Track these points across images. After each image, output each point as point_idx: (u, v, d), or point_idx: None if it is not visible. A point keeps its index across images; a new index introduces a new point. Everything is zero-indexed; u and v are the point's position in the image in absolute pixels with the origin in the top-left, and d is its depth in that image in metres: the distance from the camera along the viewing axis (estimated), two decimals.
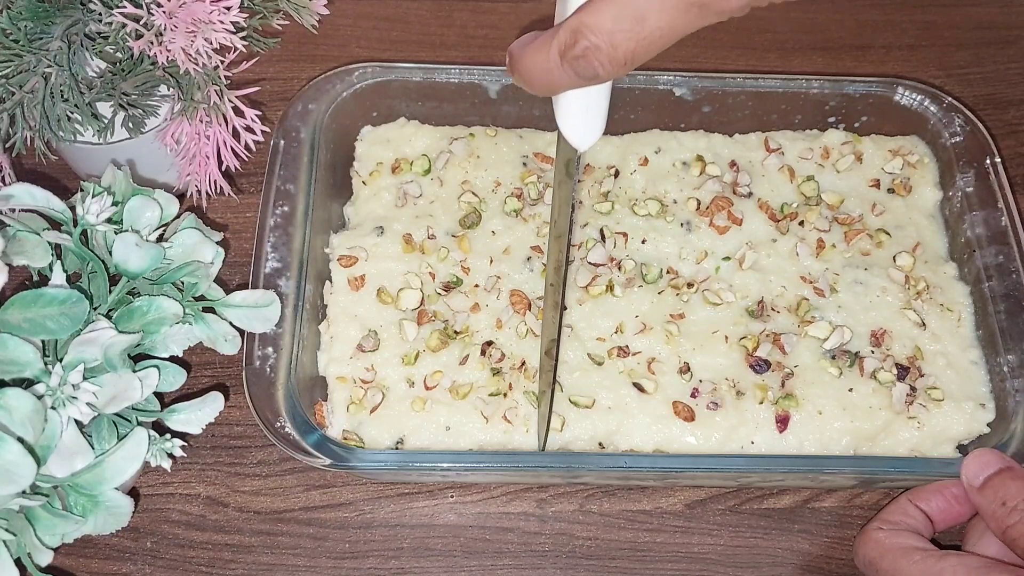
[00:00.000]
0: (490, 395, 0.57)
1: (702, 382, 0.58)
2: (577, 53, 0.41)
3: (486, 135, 0.68)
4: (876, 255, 0.64)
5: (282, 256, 0.58)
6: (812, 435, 0.57)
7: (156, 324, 0.52)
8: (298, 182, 0.61)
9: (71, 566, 0.56)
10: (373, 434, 0.56)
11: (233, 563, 0.56)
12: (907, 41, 0.82)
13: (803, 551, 0.58)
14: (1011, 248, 0.61)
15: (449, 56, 0.79)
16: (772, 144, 0.68)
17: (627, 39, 0.40)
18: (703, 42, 0.81)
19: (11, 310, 0.48)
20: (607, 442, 0.57)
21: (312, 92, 0.65)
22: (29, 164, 0.66)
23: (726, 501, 0.60)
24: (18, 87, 0.55)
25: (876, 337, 0.60)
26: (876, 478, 0.56)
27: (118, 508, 0.49)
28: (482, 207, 0.65)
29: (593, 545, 0.58)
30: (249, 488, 0.59)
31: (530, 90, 0.44)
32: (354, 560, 0.57)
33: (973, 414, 0.58)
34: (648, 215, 0.65)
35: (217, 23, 0.53)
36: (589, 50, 0.41)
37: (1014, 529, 0.49)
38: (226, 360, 0.62)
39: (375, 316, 0.60)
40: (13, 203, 0.51)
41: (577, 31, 0.41)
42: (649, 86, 0.67)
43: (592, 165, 0.67)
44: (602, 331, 0.60)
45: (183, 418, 0.52)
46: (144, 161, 0.64)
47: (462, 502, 0.59)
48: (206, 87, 0.57)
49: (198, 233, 0.55)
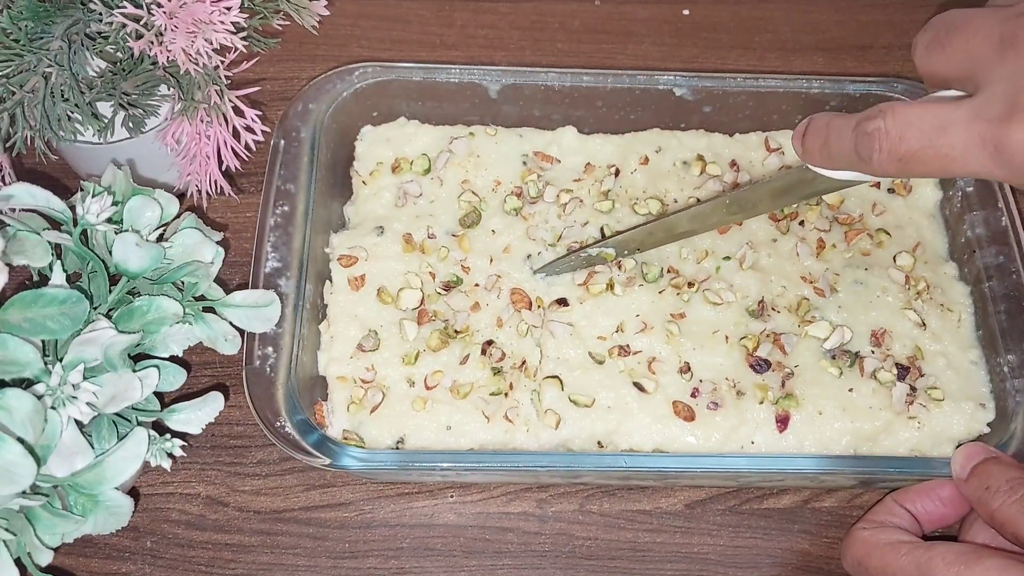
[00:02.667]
0: (491, 394, 0.57)
1: (702, 382, 0.58)
2: (868, 129, 0.43)
3: (486, 134, 0.68)
4: (876, 255, 0.64)
5: (282, 256, 0.58)
6: (812, 435, 0.57)
7: (156, 324, 0.52)
8: (298, 182, 0.61)
9: (71, 566, 0.56)
10: (373, 434, 0.56)
11: (233, 563, 0.56)
12: (908, 41, 0.80)
13: (803, 551, 0.58)
14: (1011, 248, 0.61)
15: (449, 56, 0.79)
16: (772, 144, 0.68)
17: (917, 138, 0.41)
18: (703, 42, 0.81)
19: (11, 310, 0.48)
20: (606, 441, 0.57)
21: (312, 92, 0.65)
22: (29, 164, 0.66)
23: (726, 501, 0.60)
24: (18, 87, 0.55)
25: (876, 337, 0.60)
26: (876, 478, 0.56)
27: (118, 508, 0.49)
28: (482, 206, 0.65)
29: (593, 545, 0.58)
30: (249, 488, 0.59)
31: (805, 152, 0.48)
32: (354, 560, 0.57)
33: (973, 414, 0.58)
34: (649, 214, 0.65)
35: (217, 23, 0.53)
36: (879, 131, 0.42)
37: (999, 512, 0.49)
38: (226, 360, 0.62)
39: (375, 316, 0.60)
40: (13, 203, 0.51)
41: (882, 110, 0.43)
42: (650, 86, 0.67)
43: (592, 164, 0.67)
44: (603, 330, 0.60)
45: (183, 418, 0.52)
46: (144, 161, 0.64)
47: (462, 502, 0.59)
48: (206, 87, 0.57)
49: (198, 233, 0.55)
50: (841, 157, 0.46)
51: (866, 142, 0.43)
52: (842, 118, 0.46)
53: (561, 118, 0.68)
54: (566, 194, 0.65)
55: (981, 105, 0.40)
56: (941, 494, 0.54)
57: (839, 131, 0.45)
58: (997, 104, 0.40)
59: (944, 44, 0.43)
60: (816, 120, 0.48)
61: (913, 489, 0.55)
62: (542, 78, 0.67)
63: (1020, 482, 0.49)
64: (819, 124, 0.47)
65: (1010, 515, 0.48)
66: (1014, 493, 0.49)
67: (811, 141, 0.48)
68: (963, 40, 0.42)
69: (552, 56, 0.79)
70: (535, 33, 0.81)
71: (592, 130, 0.68)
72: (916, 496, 0.54)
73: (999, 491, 0.49)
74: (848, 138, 0.44)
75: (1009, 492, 0.49)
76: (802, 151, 0.49)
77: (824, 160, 0.47)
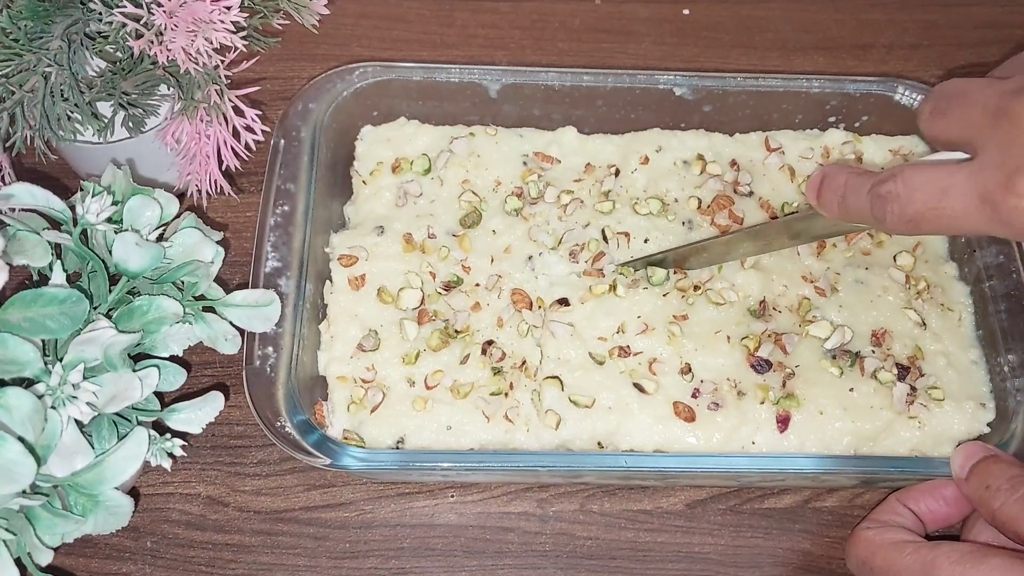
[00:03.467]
0: (491, 394, 0.57)
1: (703, 382, 0.58)
2: (882, 192, 0.46)
3: (486, 134, 0.68)
4: (877, 254, 0.64)
5: (282, 256, 0.58)
6: (813, 435, 0.57)
7: (156, 324, 0.52)
8: (298, 181, 0.61)
9: (71, 566, 0.56)
10: (373, 434, 0.56)
11: (233, 563, 0.56)
12: (908, 40, 0.82)
13: (804, 551, 0.58)
14: (1011, 248, 0.61)
15: (450, 55, 0.79)
16: (773, 143, 0.68)
17: (922, 202, 0.45)
18: (703, 42, 0.81)
19: (11, 310, 0.48)
20: (607, 442, 0.57)
21: (312, 91, 0.65)
22: (29, 163, 0.66)
23: (727, 501, 0.59)
24: (18, 86, 0.54)
25: (877, 337, 0.60)
26: (877, 478, 0.56)
27: (118, 508, 0.49)
28: (482, 206, 0.64)
29: (594, 545, 0.58)
30: (249, 488, 0.59)
31: (821, 205, 0.51)
32: (354, 560, 0.57)
33: (974, 414, 0.58)
34: (649, 214, 0.65)
35: (217, 23, 0.53)
36: (891, 195, 0.46)
37: (1001, 511, 0.49)
38: (226, 360, 0.62)
39: (375, 315, 0.60)
40: (13, 203, 0.51)
41: (895, 175, 0.46)
42: (650, 85, 0.67)
43: (593, 164, 0.67)
44: (603, 330, 0.60)
45: (183, 418, 0.52)
46: (144, 160, 0.64)
47: (462, 502, 0.59)
48: (206, 86, 0.57)
49: (198, 232, 0.55)
50: (857, 214, 0.49)
51: (880, 204, 0.47)
52: (857, 176, 0.49)
53: (561, 118, 0.68)
54: (567, 195, 0.65)
55: (977, 171, 0.44)
56: (944, 493, 0.54)
57: (856, 191, 0.49)
58: (992, 170, 0.43)
59: (945, 113, 0.46)
60: (832, 177, 0.51)
61: (916, 489, 0.55)
62: (542, 78, 0.67)
63: (1020, 480, 0.49)
64: (837, 182, 0.50)
65: (1011, 514, 0.48)
66: (1015, 492, 0.49)
67: (828, 197, 0.51)
68: (962, 110, 0.46)
69: (552, 56, 0.79)
70: (535, 33, 0.81)
71: (592, 130, 0.68)
72: (919, 496, 0.54)
73: (1000, 490, 0.49)
74: (864, 198, 0.48)
75: (1010, 491, 0.49)
76: (818, 204, 0.52)
77: (841, 215, 0.51)
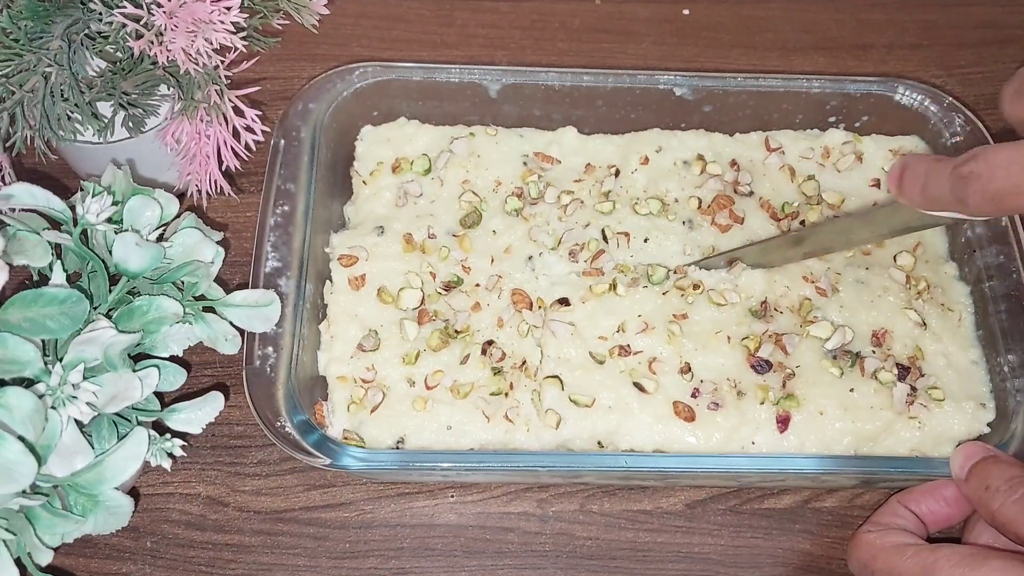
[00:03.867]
0: (491, 394, 0.57)
1: (703, 382, 0.58)
2: (963, 172, 0.46)
3: (486, 134, 0.68)
4: (877, 255, 0.64)
5: (282, 256, 0.58)
6: (813, 435, 0.57)
7: (156, 324, 0.52)
8: (298, 181, 0.61)
9: (71, 566, 0.56)
10: (374, 434, 0.56)
11: (233, 563, 0.56)
12: (908, 40, 0.82)
13: (804, 551, 0.58)
14: (1011, 248, 0.61)
15: (450, 55, 0.79)
16: (773, 143, 0.68)
17: (1004, 178, 0.44)
18: (703, 42, 0.81)
19: (11, 310, 0.48)
20: (607, 441, 0.57)
21: (312, 91, 0.65)
22: (29, 163, 0.66)
23: (727, 501, 0.59)
24: (18, 86, 0.54)
25: (877, 337, 0.60)
26: (877, 478, 0.56)
27: (118, 508, 0.49)
28: (483, 206, 0.64)
29: (594, 545, 0.58)
30: (249, 488, 0.59)
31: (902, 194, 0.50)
32: (354, 560, 0.57)
33: (974, 414, 0.58)
34: (650, 214, 0.65)
35: (217, 23, 0.53)
36: (972, 175, 0.45)
37: (1000, 512, 0.49)
38: (226, 360, 0.62)
39: (375, 315, 0.60)
40: (13, 203, 0.51)
41: (976, 155, 0.46)
42: (650, 85, 0.67)
43: (593, 164, 0.67)
44: (604, 330, 0.60)
45: (183, 418, 0.52)
46: (144, 160, 0.64)
47: (462, 502, 0.59)
48: (206, 87, 0.57)
49: (198, 232, 0.55)
50: (940, 200, 0.49)
51: (962, 185, 0.46)
52: (938, 162, 0.48)
53: (561, 118, 0.68)
54: (567, 195, 0.65)
55: None
56: (945, 494, 0.54)
57: (937, 176, 0.48)
58: None
59: None
60: (914, 164, 0.50)
61: (917, 490, 0.54)
62: (542, 78, 0.67)
63: (1019, 481, 0.49)
64: (918, 169, 0.50)
65: (1011, 515, 0.48)
66: (1014, 492, 0.49)
67: (909, 184, 0.50)
68: None
69: (552, 56, 0.79)
70: (535, 32, 0.81)
71: (592, 130, 0.68)
72: (920, 497, 0.54)
73: (999, 491, 0.49)
74: (945, 182, 0.47)
75: (1009, 492, 0.49)
76: (899, 193, 0.51)
77: (923, 203, 0.50)
